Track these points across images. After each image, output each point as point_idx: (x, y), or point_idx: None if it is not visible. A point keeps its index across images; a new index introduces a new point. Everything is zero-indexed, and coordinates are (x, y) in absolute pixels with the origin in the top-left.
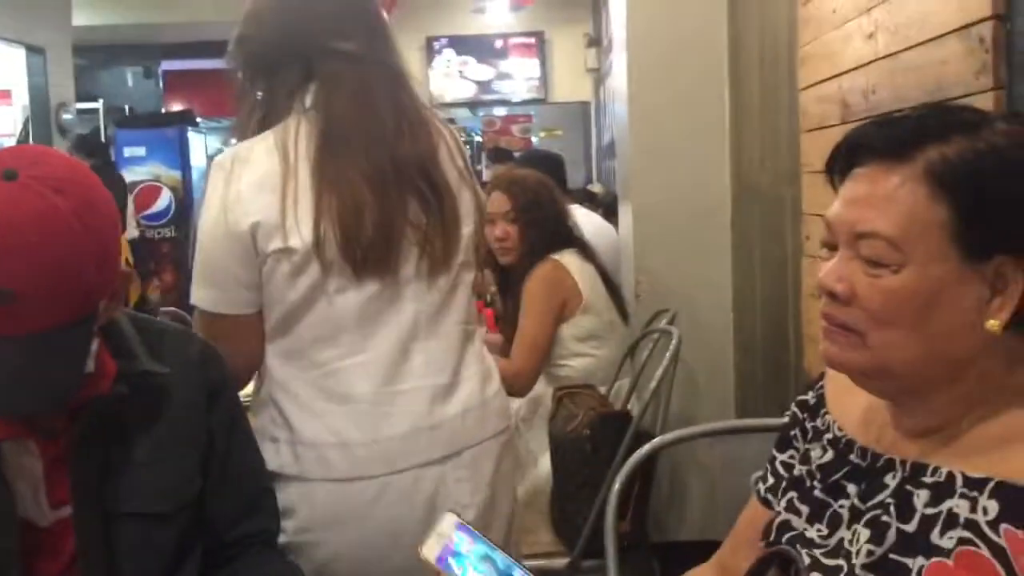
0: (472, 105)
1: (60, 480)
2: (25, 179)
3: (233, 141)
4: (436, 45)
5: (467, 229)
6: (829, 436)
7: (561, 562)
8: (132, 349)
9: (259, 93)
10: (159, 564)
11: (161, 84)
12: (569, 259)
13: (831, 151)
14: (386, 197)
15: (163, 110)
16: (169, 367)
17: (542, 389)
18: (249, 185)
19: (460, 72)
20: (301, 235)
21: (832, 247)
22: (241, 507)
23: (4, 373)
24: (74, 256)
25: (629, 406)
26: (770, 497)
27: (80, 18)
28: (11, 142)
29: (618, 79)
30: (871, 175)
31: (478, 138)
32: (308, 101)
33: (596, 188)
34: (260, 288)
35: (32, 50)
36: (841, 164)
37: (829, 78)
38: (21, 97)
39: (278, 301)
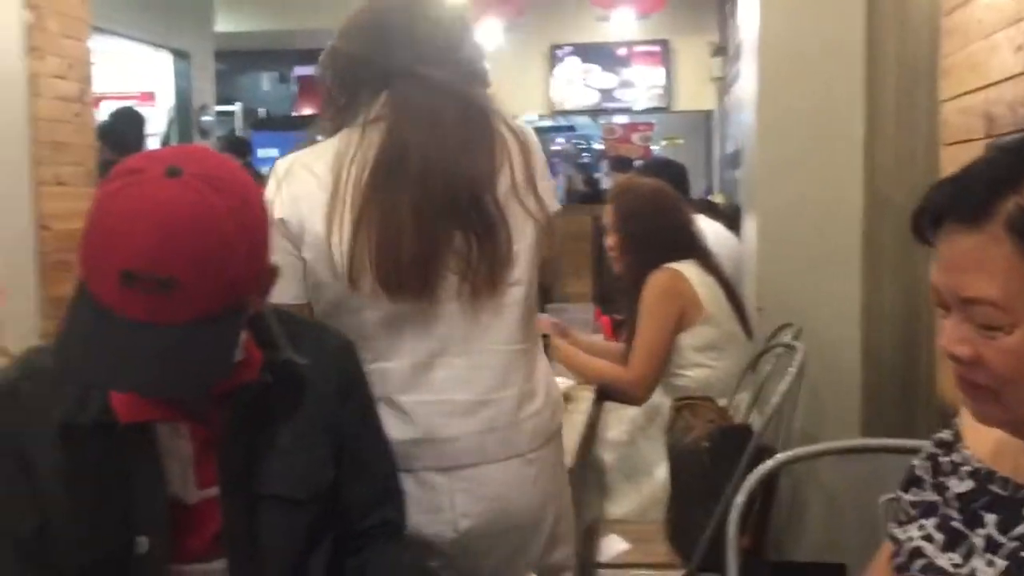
0: (593, 113)
1: (208, 462)
2: (187, 177)
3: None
4: (560, 53)
5: (520, 245)
6: (967, 468)
7: (677, 573)
8: (276, 340)
9: (340, 104)
10: (295, 547)
11: (295, 88)
12: (688, 268)
13: (912, 215)
14: (430, 227)
15: (295, 114)
16: (308, 358)
17: (659, 399)
18: (296, 198)
19: (583, 80)
20: (340, 256)
21: (946, 307)
22: (371, 498)
23: (159, 357)
24: (227, 250)
25: (749, 420)
26: (897, 534)
27: (222, 24)
28: (155, 141)
29: (745, 87)
30: (958, 238)
31: (597, 146)
32: (372, 113)
33: (717, 198)
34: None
35: (178, 55)
36: (926, 225)
37: (974, 90)
38: (165, 99)
39: (314, 300)
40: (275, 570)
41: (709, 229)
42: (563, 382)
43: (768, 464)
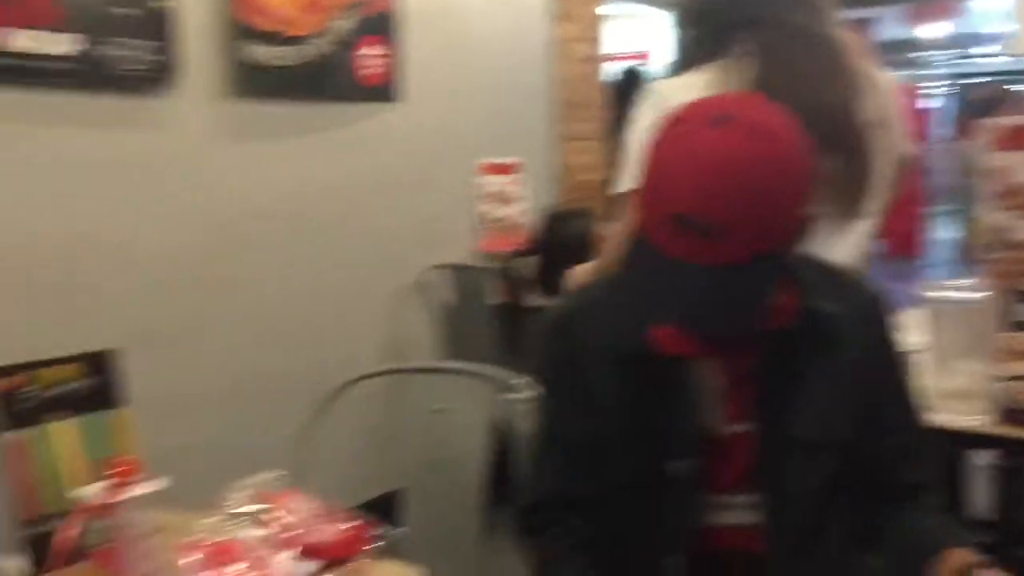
0: None
1: (737, 399)
2: (732, 125)
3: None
4: None
5: (882, 171)
6: None
7: None
8: (809, 288)
9: (705, 47)
10: (818, 491)
11: None
12: None
13: None
14: None
15: None
16: (839, 307)
17: None
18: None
19: None
20: None
21: None
22: (895, 454)
23: (703, 297)
24: (768, 196)
25: None
26: None
27: None
28: None
29: None
30: None
31: None
32: (736, 55)
33: None
34: None
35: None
36: None
37: None
38: (658, 57)
39: None
40: (800, 511)
41: None
42: None
43: None
